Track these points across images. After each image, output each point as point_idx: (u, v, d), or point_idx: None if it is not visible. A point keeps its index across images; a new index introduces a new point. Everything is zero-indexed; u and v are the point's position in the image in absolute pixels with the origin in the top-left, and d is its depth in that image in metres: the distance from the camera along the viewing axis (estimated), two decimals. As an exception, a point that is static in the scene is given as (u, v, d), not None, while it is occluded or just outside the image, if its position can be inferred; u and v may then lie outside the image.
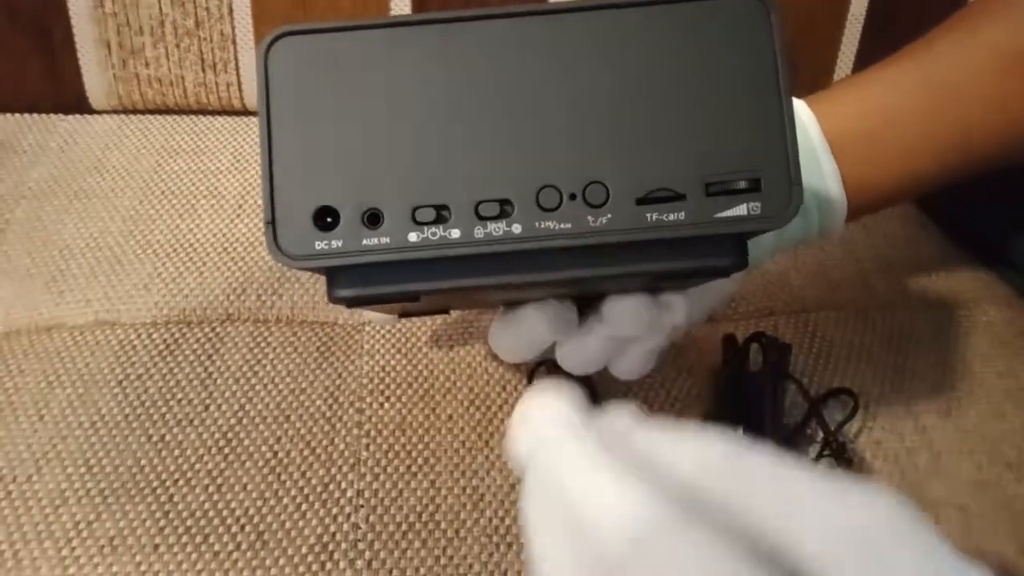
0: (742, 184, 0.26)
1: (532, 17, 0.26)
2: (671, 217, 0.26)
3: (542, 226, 0.26)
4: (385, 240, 0.26)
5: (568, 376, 0.38)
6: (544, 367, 0.42)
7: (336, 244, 0.26)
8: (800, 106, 0.39)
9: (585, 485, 0.21)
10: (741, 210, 0.26)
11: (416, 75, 0.26)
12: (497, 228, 0.26)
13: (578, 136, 0.26)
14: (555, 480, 0.22)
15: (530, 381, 0.42)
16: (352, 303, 0.28)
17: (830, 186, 0.38)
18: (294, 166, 0.26)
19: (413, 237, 0.26)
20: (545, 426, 0.23)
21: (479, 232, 0.26)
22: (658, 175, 0.26)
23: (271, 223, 0.26)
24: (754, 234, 0.27)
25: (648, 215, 0.26)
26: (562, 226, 0.26)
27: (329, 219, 0.26)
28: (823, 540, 0.19)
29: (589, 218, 0.26)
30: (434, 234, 0.26)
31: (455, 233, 0.26)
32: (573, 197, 0.26)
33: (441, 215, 0.26)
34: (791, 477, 0.21)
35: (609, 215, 0.26)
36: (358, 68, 0.26)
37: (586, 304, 0.35)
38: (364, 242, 0.26)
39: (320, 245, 0.26)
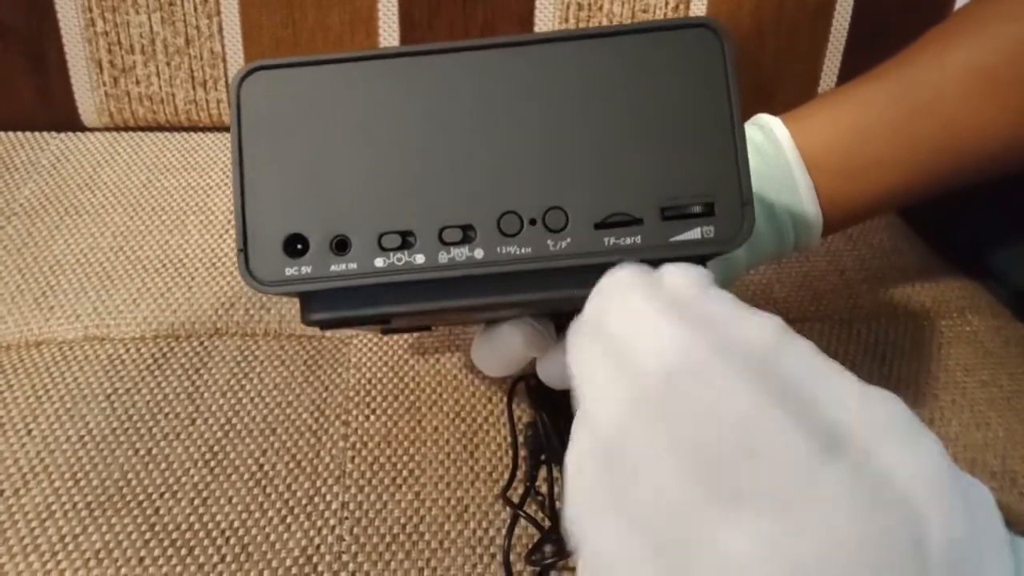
0: (696, 208, 0.27)
1: (493, 50, 0.27)
2: (628, 241, 0.27)
3: (503, 251, 0.27)
4: (352, 266, 0.27)
5: (549, 390, 0.38)
6: (525, 381, 0.42)
7: (305, 270, 0.27)
8: (776, 123, 0.39)
9: (635, 318, 0.24)
10: (695, 234, 0.27)
11: (380, 107, 0.27)
12: (460, 253, 0.27)
13: (538, 163, 0.27)
14: (611, 314, 0.24)
15: (511, 395, 0.42)
16: (324, 326, 0.29)
17: (805, 201, 0.38)
18: (265, 195, 0.27)
19: (379, 262, 0.27)
20: (619, 281, 0.25)
21: (443, 257, 0.27)
22: (615, 200, 0.27)
23: (243, 250, 0.27)
24: (710, 256, 0.28)
25: (606, 239, 0.27)
26: (523, 250, 0.27)
27: (299, 246, 0.27)
28: (862, 414, 0.21)
29: (549, 242, 0.27)
30: (400, 259, 0.27)
31: (420, 258, 0.27)
32: (533, 222, 0.27)
33: (406, 241, 0.27)
34: (835, 366, 0.23)
35: (568, 239, 0.27)
36: (326, 101, 0.27)
37: (567, 319, 0.35)
38: (332, 268, 0.27)
39: (290, 271, 0.27)
